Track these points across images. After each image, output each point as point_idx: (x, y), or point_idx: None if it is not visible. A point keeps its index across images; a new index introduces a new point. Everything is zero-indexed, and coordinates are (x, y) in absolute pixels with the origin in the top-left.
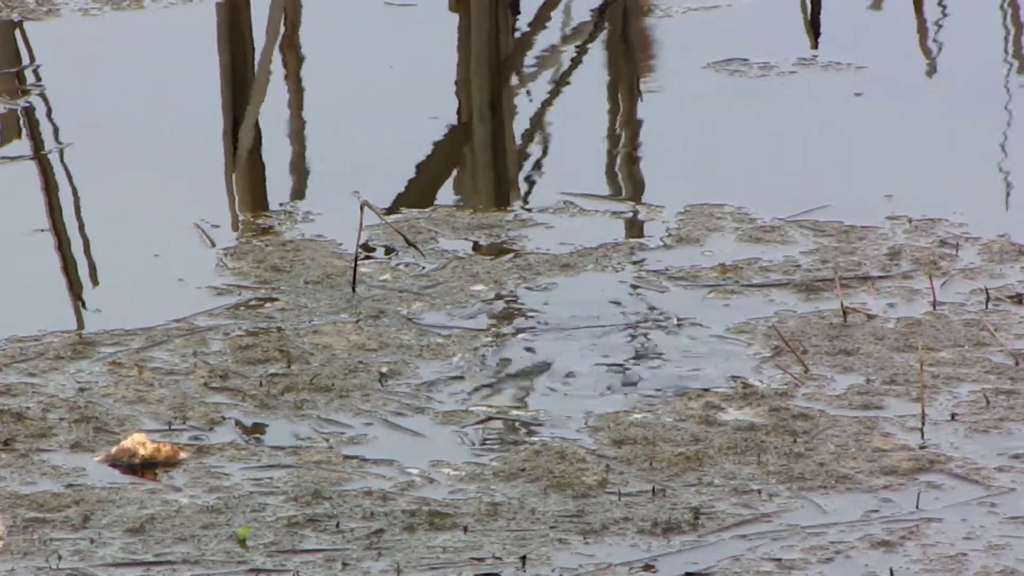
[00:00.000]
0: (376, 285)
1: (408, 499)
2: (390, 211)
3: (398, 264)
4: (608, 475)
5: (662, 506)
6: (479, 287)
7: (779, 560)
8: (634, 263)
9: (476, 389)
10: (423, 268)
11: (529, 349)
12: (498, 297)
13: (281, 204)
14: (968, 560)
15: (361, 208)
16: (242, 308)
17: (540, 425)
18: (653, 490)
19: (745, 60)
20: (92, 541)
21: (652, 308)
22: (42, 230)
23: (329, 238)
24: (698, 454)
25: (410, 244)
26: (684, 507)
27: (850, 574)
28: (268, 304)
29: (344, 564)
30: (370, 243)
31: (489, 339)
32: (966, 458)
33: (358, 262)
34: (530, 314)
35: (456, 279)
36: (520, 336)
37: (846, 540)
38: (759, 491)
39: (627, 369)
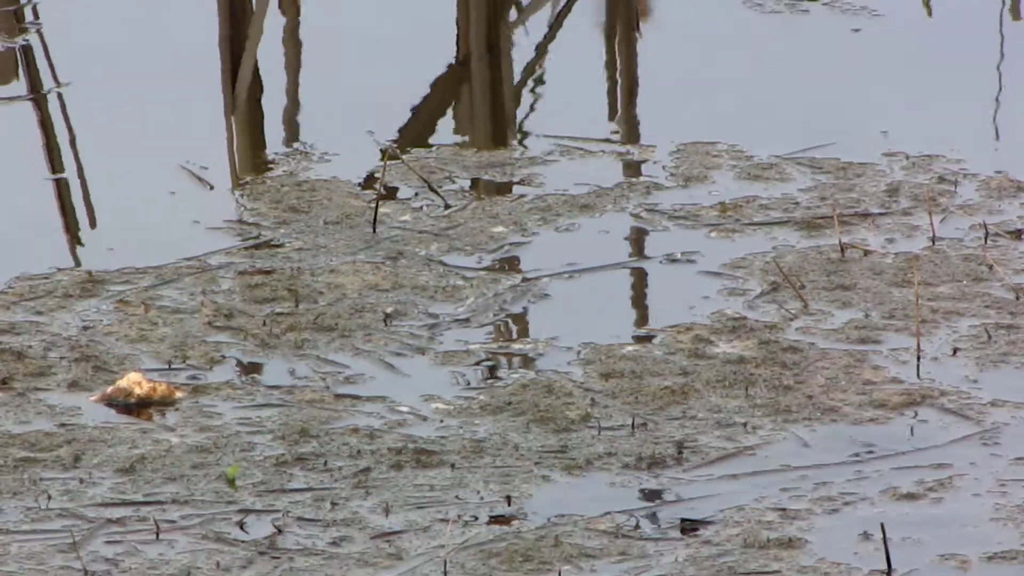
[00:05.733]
0: (396, 226)
1: (395, 437)
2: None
3: (419, 205)
4: (592, 409)
5: (645, 440)
6: (500, 228)
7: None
8: (647, 203)
9: (480, 328)
10: (443, 209)
11: (540, 288)
12: (520, 238)
13: (290, 145)
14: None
15: (383, 152)
16: (260, 248)
17: (534, 359)
18: (633, 424)
19: None
20: (82, 481)
21: (658, 245)
22: (57, 177)
23: (343, 178)
24: (684, 388)
25: (432, 190)
26: (667, 441)
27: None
28: (287, 244)
29: (333, 504)
30: (379, 183)
31: (505, 280)
32: (960, 391)
33: (377, 202)
34: (546, 254)
35: (476, 220)
36: (535, 276)
37: (847, 485)
38: (744, 424)
39: (629, 305)
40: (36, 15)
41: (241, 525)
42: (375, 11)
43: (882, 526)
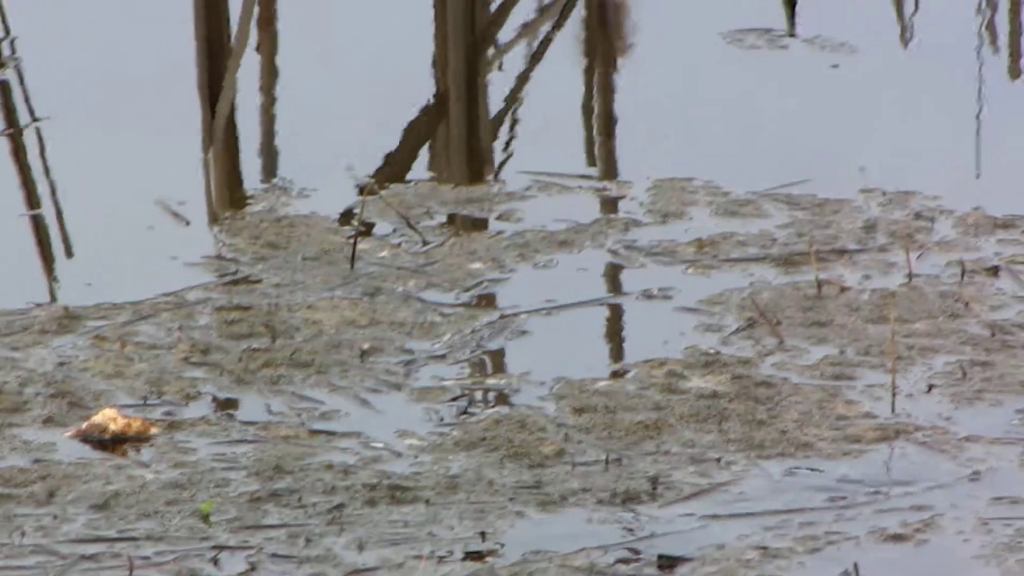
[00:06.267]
0: (374, 262)
1: (369, 473)
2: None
3: (398, 242)
4: (566, 444)
5: (619, 475)
6: (477, 265)
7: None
8: (625, 239)
9: (456, 364)
10: (421, 246)
11: (518, 325)
12: (498, 274)
13: (269, 180)
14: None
15: (362, 188)
16: (238, 284)
17: (508, 394)
18: (606, 459)
19: (768, 30)
20: (56, 517)
21: (635, 282)
22: (34, 212)
23: (322, 214)
24: (657, 422)
25: (410, 226)
26: (642, 476)
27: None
28: (264, 280)
29: (307, 540)
30: (357, 219)
31: (483, 316)
32: (935, 427)
33: (355, 239)
34: (524, 291)
35: (454, 257)
36: (512, 313)
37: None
38: (718, 459)
39: (604, 341)
40: (13, 50)
41: (215, 561)
42: (353, 48)
43: (855, 566)
